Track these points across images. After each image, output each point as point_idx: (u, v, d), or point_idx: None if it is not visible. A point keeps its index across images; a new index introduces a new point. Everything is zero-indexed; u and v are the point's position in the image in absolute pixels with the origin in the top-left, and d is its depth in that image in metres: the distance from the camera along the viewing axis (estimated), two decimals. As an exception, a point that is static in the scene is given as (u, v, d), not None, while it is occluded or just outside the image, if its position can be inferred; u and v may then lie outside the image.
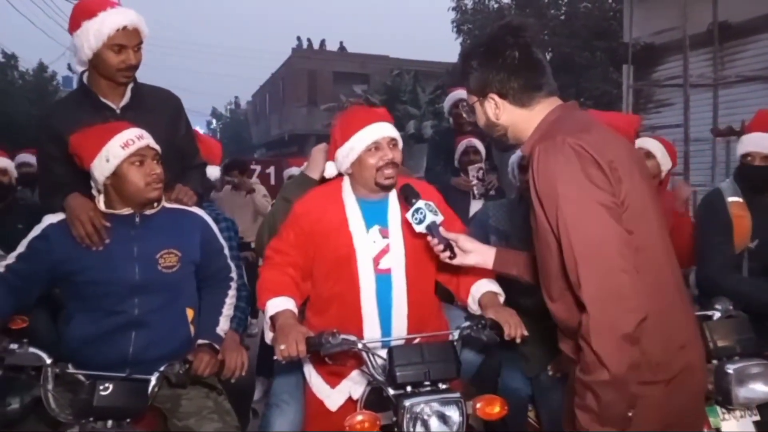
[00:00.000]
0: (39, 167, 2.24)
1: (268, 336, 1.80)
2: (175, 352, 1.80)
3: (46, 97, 21.58)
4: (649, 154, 2.77)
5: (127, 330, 1.78)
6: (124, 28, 1.92)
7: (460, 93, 4.15)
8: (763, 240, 2.31)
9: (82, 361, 1.73)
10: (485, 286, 1.88)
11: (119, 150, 1.74)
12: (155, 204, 1.86)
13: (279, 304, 1.78)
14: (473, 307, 1.88)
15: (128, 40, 1.94)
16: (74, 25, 1.95)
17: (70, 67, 23.53)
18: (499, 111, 1.43)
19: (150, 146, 1.81)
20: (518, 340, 1.72)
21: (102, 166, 1.75)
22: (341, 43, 26.72)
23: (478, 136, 4.13)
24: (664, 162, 2.80)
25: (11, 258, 1.80)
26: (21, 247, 1.80)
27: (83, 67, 2.04)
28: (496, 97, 1.42)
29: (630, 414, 1.22)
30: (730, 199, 2.35)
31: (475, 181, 3.84)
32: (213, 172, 2.85)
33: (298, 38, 26.34)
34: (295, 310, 1.81)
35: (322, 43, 26.39)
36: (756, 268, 2.33)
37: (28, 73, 23.17)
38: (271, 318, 1.78)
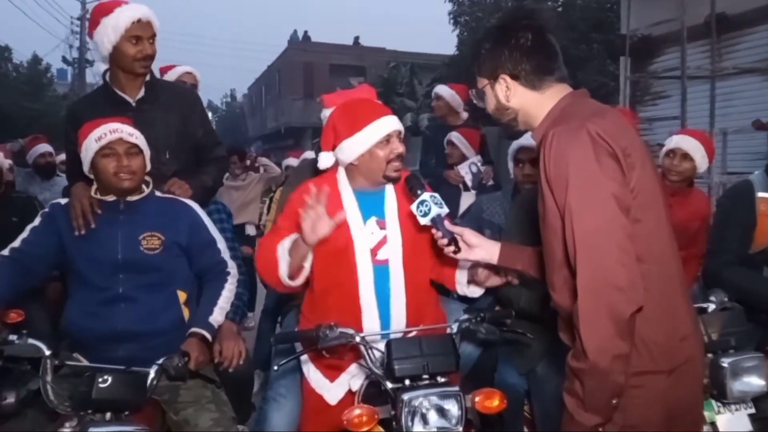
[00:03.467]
0: (66, 153, 2.49)
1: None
2: (165, 329, 1.90)
3: (40, 89, 21.45)
4: (686, 156, 2.72)
5: (115, 304, 1.88)
6: (139, 20, 2.12)
7: (438, 87, 4.41)
8: None
9: (78, 336, 1.89)
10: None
11: (93, 143, 1.90)
12: (144, 190, 2.00)
13: (287, 241, 1.76)
14: (462, 281, 1.88)
15: (143, 32, 2.14)
16: (94, 24, 2.15)
17: (64, 60, 23.42)
18: (509, 92, 1.42)
19: (123, 140, 1.91)
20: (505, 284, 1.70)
21: (84, 158, 1.94)
22: (357, 38, 26.63)
23: (472, 129, 4.18)
24: (702, 164, 2.74)
25: (25, 233, 1.95)
26: (33, 223, 1.98)
27: (106, 65, 2.24)
28: (507, 78, 1.41)
29: (615, 402, 1.23)
30: (761, 194, 2.26)
31: (469, 176, 3.87)
32: None
33: (295, 31, 26.24)
34: None
35: (356, 40, 26.17)
36: None
37: (21, 65, 22.98)
38: (291, 251, 1.74)
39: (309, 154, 5.39)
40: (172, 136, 2.15)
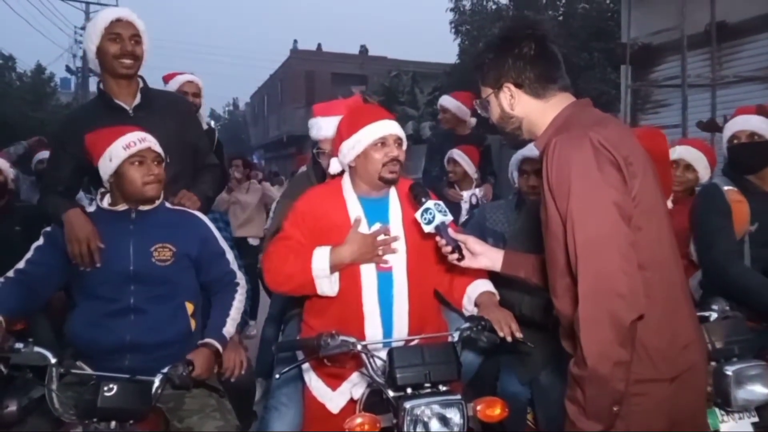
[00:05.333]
0: (49, 158, 2.47)
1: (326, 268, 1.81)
2: (172, 341, 1.89)
3: (44, 98, 21.53)
4: (689, 167, 2.74)
5: (125, 316, 1.87)
6: (118, 19, 2.17)
7: (443, 98, 4.38)
8: (762, 223, 2.33)
9: (84, 347, 1.87)
10: (481, 286, 1.89)
11: (121, 151, 1.88)
12: (155, 201, 1.98)
13: (321, 253, 1.80)
14: (469, 307, 1.89)
15: (123, 29, 2.18)
16: (85, 33, 2.27)
17: (68, 69, 23.55)
18: (514, 101, 1.43)
19: (151, 149, 1.93)
20: (509, 339, 1.71)
21: (106, 165, 1.90)
22: (364, 46, 26.73)
23: (477, 142, 4.16)
24: (705, 175, 2.76)
25: (29, 253, 1.95)
26: (37, 242, 1.97)
27: (98, 74, 2.27)
28: (511, 86, 1.42)
29: (616, 409, 1.23)
30: (726, 188, 2.38)
31: (467, 205, 3.89)
32: None
33: (295, 41, 26.39)
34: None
35: (364, 49, 26.25)
36: (758, 255, 2.32)
37: (25, 74, 23.08)
38: (331, 262, 1.79)
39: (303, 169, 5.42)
40: (171, 140, 2.17)
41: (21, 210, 3.25)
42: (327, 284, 1.81)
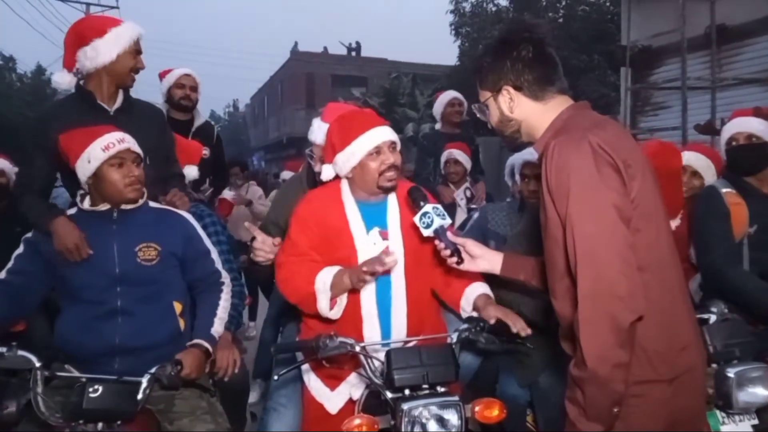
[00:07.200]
0: (27, 155, 2.39)
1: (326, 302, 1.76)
2: (162, 342, 1.86)
3: (44, 99, 21.57)
4: (695, 174, 2.71)
5: (113, 318, 1.84)
6: (140, 36, 2.23)
7: (452, 92, 4.34)
8: (761, 225, 2.34)
9: (72, 351, 1.84)
10: (479, 288, 1.89)
11: (100, 152, 1.85)
12: (137, 201, 1.95)
13: (326, 274, 1.77)
14: (467, 309, 1.89)
15: (140, 46, 2.24)
16: (98, 32, 2.15)
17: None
18: (513, 104, 1.43)
19: (131, 150, 1.90)
20: (523, 334, 1.72)
21: (84, 167, 1.86)
22: (357, 42, 26.68)
23: (468, 140, 4.16)
24: (711, 181, 2.74)
25: (10, 262, 1.91)
26: (18, 250, 1.93)
27: (83, 74, 2.21)
28: (510, 89, 1.43)
29: (616, 410, 1.23)
30: (725, 190, 2.39)
31: (464, 201, 3.90)
32: (191, 172, 2.85)
33: (296, 43, 26.40)
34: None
35: (358, 46, 26.21)
36: (757, 257, 2.33)
37: (26, 75, 23.17)
38: (332, 287, 1.76)
39: (286, 175, 5.40)
40: (150, 145, 2.15)
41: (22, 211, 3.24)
42: (325, 301, 1.77)
